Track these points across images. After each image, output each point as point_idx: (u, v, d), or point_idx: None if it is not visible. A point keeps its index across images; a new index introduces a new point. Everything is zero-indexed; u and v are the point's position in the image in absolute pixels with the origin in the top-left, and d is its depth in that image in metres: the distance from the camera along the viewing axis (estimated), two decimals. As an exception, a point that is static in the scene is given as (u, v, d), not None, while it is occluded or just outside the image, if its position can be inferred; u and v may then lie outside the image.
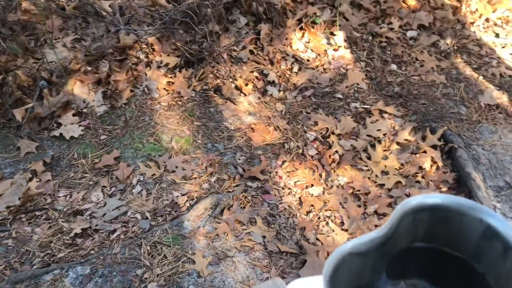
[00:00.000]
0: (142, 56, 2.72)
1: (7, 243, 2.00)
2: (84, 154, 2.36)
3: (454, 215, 0.45)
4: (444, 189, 2.12)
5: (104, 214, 2.11)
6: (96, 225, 2.06)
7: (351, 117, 2.56)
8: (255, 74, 2.76)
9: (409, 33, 2.98)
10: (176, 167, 2.33)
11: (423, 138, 2.39)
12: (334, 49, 2.89)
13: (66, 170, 2.30)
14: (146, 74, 2.66)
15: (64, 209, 2.13)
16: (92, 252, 1.95)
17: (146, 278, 1.84)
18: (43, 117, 2.43)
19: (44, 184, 2.23)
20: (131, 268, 1.88)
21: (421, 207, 0.46)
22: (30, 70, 2.54)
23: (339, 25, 2.96)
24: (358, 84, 2.73)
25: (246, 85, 2.70)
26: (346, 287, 0.42)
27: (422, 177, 2.22)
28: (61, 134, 2.40)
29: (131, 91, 2.62)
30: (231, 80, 2.71)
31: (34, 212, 2.13)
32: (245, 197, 2.20)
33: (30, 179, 2.23)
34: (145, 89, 2.64)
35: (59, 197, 2.19)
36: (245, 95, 2.67)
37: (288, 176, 2.30)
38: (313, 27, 2.92)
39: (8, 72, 2.49)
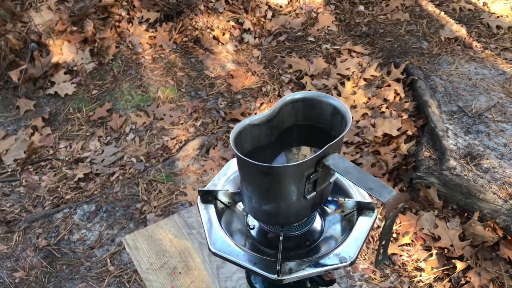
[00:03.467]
0: (123, 13, 2.88)
1: (19, 190, 2.25)
2: (78, 108, 2.57)
3: (315, 102, 0.70)
4: (405, 117, 2.36)
5: (103, 160, 2.35)
6: (97, 170, 2.31)
7: (323, 58, 2.76)
8: (231, 23, 2.93)
9: (376, -26, 3.13)
10: (164, 114, 2.56)
11: (388, 73, 2.61)
12: (305, -5, 3.05)
13: (63, 124, 2.53)
14: (129, 30, 2.84)
15: (66, 158, 2.37)
16: (96, 192, 2.21)
17: (145, 210, 2.11)
18: (37, 77, 2.62)
19: (45, 138, 2.46)
20: (131, 203, 2.15)
21: (295, 99, 0.70)
22: (20, 34, 2.71)
23: (309, -29, 3.09)
24: (328, 26, 2.92)
25: (223, 34, 2.88)
26: (249, 145, 0.68)
27: (387, 107, 2.46)
28: (55, 92, 2.61)
29: (116, 47, 2.80)
30: (209, 30, 2.89)
31: (39, 163, 2.37)
32: (228, 137, 2.45)
33: (32, 134, 2.46)
34: (129, 44, 2.82)
35: (60, 148, 2.43)
36: (223, 44, 2.86)
37: (266, 115, 2.53)
38: (284, -26, 3.06)
39: (-1, 37, 2.65)
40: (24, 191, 2.25)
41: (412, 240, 1.88)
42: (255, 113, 2.56)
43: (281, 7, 3.01)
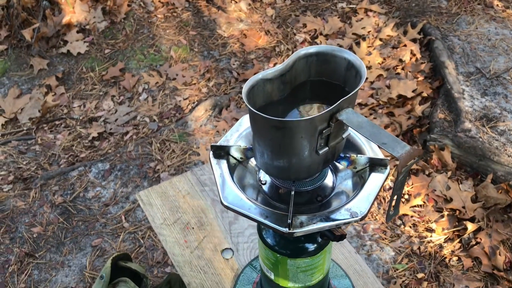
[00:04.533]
0: (135, -29, 2.83)
1: (35, 148, 2.29)
2: (91, 67, 2.57)
3: (329, 57, 0.68)
4: (421, 78, 2.32)
5: (116, 120, 2.37)
6: (111, 129, 2.33)
7: (338, 17, 2.70)
8: (245, -19, 2.86)
9: None
10: (177, 74, 2.55)
11: (405, 33, 2.55)
12: (321, -49, 2.95)
13: (77, 83, 2.53)
14: (141, -12, 2.79)
15: (80, 118, 2.39)
16: (110, 151, 2.24)
17: (158, 169, 2.13)
18: (49, 36, 2.61)
19: (59, 97, 2.48)
20: (145, 162, 2.17)
21: (309, 54, 0.69)
22: (31, -8, 2.68)
23: None
24: (344, -16, 2.83)
25: (237, -8, 2.82)
26: (261, 100, 0.67)
27: (402, 69, 2.41)
28: (68, 50, 2.60)
29: (128, 5, 2.76)
30: (222, -12, 2.83)
31: (53, 121, 2.39)
32: (240, 98, 2.44)
33: (46, 93, 2.48)
34: (141, 3, 2.78)
35: (74, 107, 2.45)
36: (236, 2, 2.80)
37: (279, 76, 2.51)
38: None
39: (10, -6, 2.63)
40: (39, 149, 2.29)
41: (423, 202, 1.88)
42: (268, 74, 2.54)
43: (296, -36, 2.92)
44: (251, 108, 0.62)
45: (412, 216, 1.86)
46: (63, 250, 1.87)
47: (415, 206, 1.88)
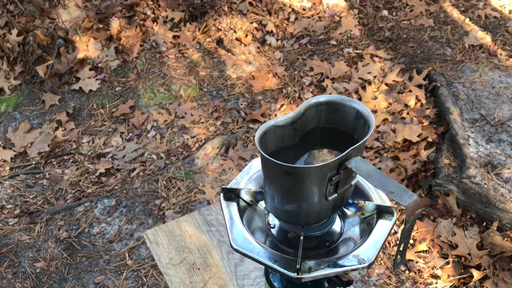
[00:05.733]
0: (149, 12, 2.93)
1: (42, 183, 2.31)
2: (102, 104, 2.62)
3: (339, 106, 0.71)
4: (426, 123, 2.35)
5: (124, 156, 2.40)
6: (118, 165, 2.35)
7: (344, 62, 2.76)
8: (254, 25, 2.96)
9: (401, -21, 3.12)
10: (185, 113, 2.59)
11: (410, 79, 2.60)
12: (328, -2, 3.05)
13: (87, 119, 2.58)
14: (154, 29, 2.88)
15: (88, 153, 2.42)
16: (116, 187, 2.26)
17: (163, 207, 2.14)
18: (63, 72, 2.68)
19: (69, 132, 2.52)
20: (150, 199, 2.18)
21: (319, 103, 0.72)
22: (47, 30, 2.78)
23: (334, -26, 3.10)
24: (351, 30, 2.92)
25: (246, 36, 2.91)
26: (273, 146, 0.69)
27: (407, 113, 2.45)
28: (80, 87, 2.66)
29: (141, 45, 2.85)
30: (232, 31, 2.92)
31: (62, 156, 2.42)
32: (247, 137, 2.47)
33: (56, 128, 2.52)
34: (153, 43, 2.86)
35: (83, 143, 2.48)
36: (245, 45, 2.88)
37: (286, 117, 2.55)
38: (308, -22, 3.07)
39: (28, 32, 2.72)
40: (47, 183, 2.31)
41: (429, 247, 1.87)
42: (275, 114, 2.58)
43: (304, 10, 3.02)
44: (264, 154, 0.65)
45: (417, 262, 1.84)
46: (65, 287, 1.85)
47: (420, 251, 1.87)
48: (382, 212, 0.76)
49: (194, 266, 1.17)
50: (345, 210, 0.79)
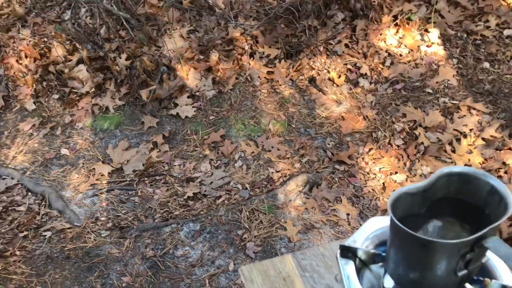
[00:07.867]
0: (246, 47, 3.05)
1: (134, 199, 2.45)
2: (195, 131, 2.75)
3: (472, 179, 0.70)
4: (526, 185, 2.22)
5: (211, 182, 2.48)
6: (205, 191, 2.44)
7: (439, 111, 2.69)
8: (349, 66, 2.98)
9: (506, 32, 3.02)
10: (272, 147, 2.64)
11: (510, 136, 2.48)
12: (427, 45, 3.01)
13: (180, 143, 2.71)
14: (250, 64, 2.99)
15: (179, 176, 2.53)
16: (202, 212, 2.34)
17: (245, 238, 2.18)
18: (163, 97, 2.85)
19: (163, 154, 2.66)
20: (233, 228, 2.23)
21: (451, 173, 0.71)
22: (153, 57, 2.98)
23: (434, 22, 3.06)
24: (448, 80, 2.85)
25: (339, 77, 2.93)
26: (402, 212, 0.70)
27: (505, 172, 2.33)
28: (177, 113, 2.81)
29: (236, 78, 2.97)
30: (325, 71, 2.96)
31: (154, 176, 2.56)
32: (333, 178, 2.47)
33: (152, 149, 2.67)
34: (248, 77, 2.97)
35: (175, 165, 2.60)
36: (337, 85, 2.91)
37: (374, 162, 2.52)
38: (408, 24, 3.06)
39: (136, 57, 2.94)
40: (138, 200, 2.44)
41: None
42: (363, 158, 2.56)
43: (401, 55, 3.00)
44: (397, 222, 0.65)
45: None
46: (147, 304, 1.93)
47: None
48: (506, 291, 0.73)
49: (285, 309, 1.17)
50: (469, 286, 0.77)
